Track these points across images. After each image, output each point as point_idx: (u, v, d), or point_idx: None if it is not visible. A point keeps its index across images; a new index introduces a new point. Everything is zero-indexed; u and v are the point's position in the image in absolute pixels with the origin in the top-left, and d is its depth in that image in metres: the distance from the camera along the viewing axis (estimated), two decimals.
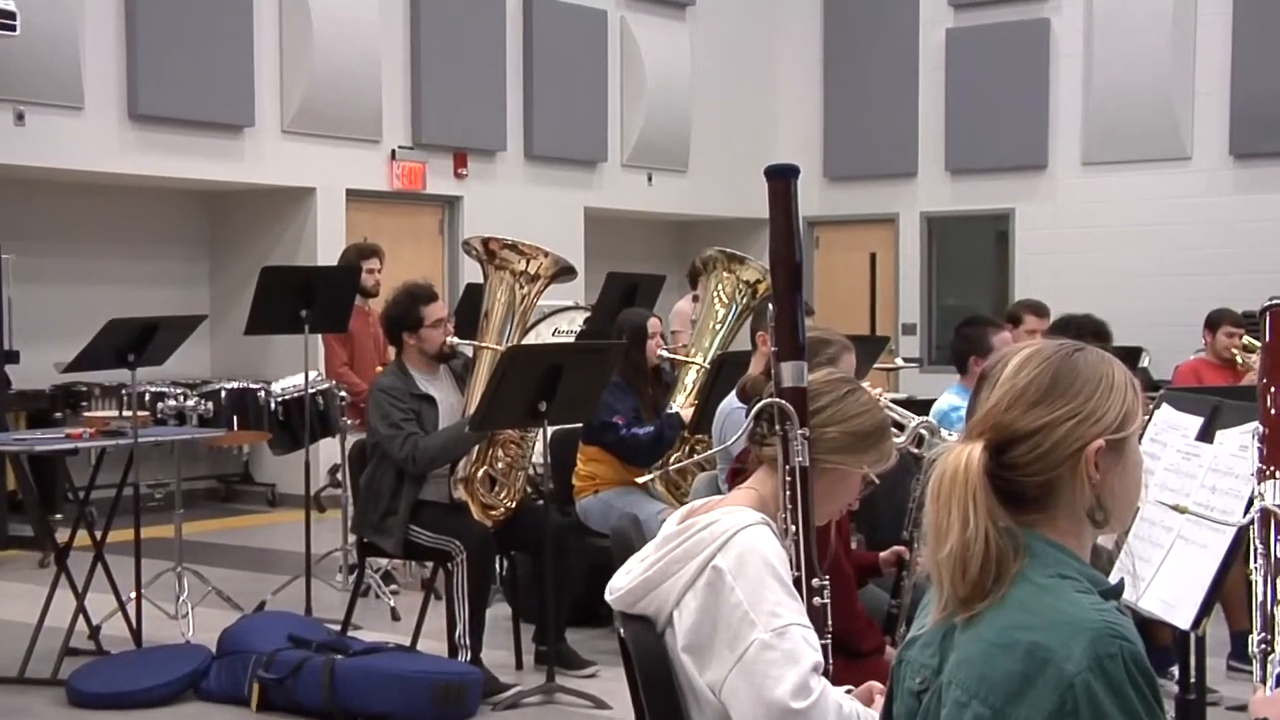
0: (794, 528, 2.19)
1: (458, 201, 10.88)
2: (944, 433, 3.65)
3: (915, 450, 3.50)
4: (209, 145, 9.28)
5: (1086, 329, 5.05)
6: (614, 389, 5.57)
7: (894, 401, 4.58)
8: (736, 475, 2.89)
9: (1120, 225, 11.77)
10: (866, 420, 2.28)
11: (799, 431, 2.18)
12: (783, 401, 2.19)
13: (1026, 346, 1.62)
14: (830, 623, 2.26)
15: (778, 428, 2.19)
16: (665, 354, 5.92)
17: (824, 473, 2.25)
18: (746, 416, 2.31)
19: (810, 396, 2.26)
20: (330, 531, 7.56)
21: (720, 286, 5.94)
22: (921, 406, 5.10)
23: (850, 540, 3.69)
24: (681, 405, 5.69)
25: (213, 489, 10.27)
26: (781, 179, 2.24)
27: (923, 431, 3.41)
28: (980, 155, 12.20)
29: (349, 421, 6.85)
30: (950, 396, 5.11)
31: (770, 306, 2.23)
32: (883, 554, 3.61)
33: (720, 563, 2.20)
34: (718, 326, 5.93)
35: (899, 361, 10.89)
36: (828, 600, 2.25)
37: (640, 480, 5.41)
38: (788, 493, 2.20)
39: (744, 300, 5.89)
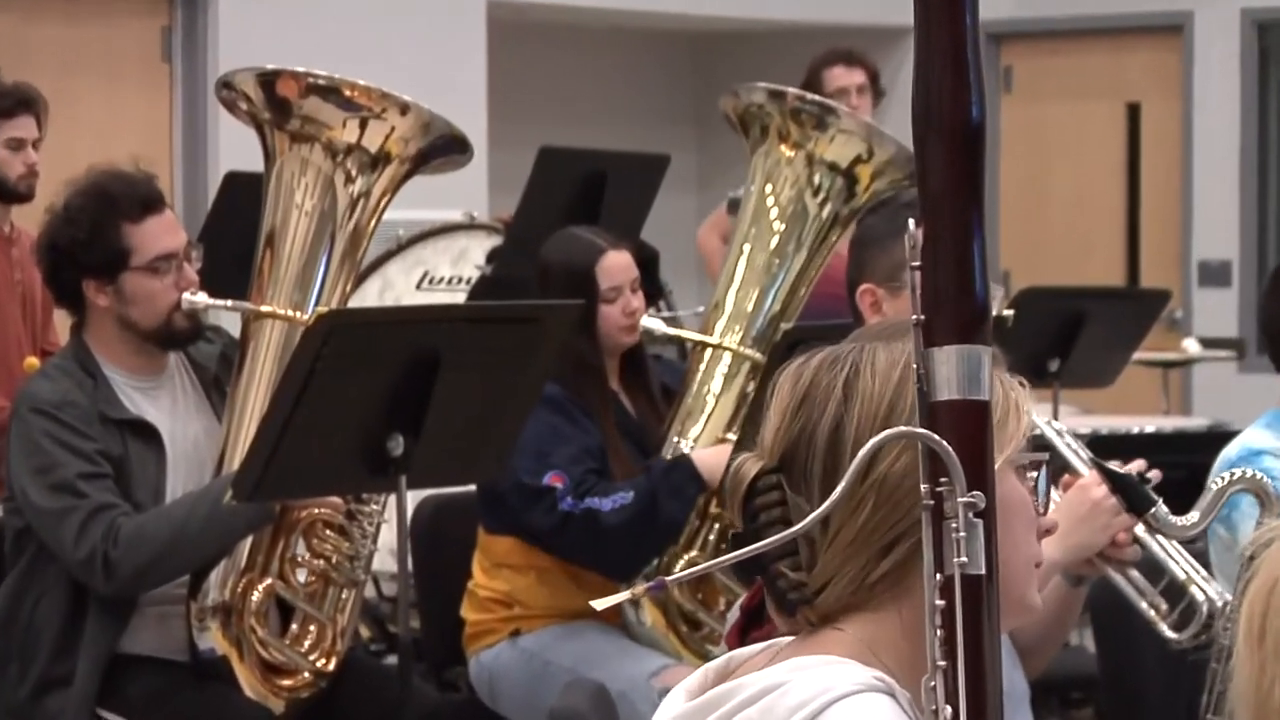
0: (950, 708, 2.22)
1: None
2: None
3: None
4: None
5: None
6: (552, 409, 5.70)
7: (1169, 437, 4.56)
8: (750, 621, 3.03)
9: None
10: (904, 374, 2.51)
11: (964, 499, 2.20)
12: (932, 435, 2.22)
13: None
14: None
15: (925, 488, 2.24)
16: (660, 326, 6.09)
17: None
18: None
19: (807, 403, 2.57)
20: None
21: (778, 175, 6.04)
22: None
23: None
24: (699, 434, 5.84)
25: None
26: None
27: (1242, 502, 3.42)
28: None
29: None
30: (1259, 435, 5.16)
31: (912, 226, 2.22)
32: None
33: None
34: (775, 262, 6.05)
35: (1189, 347, 10.71)
36: None
37: (604, 604, 5.47)
38: (940, 630, 2.21)
39: (828, 206, 5.98)
